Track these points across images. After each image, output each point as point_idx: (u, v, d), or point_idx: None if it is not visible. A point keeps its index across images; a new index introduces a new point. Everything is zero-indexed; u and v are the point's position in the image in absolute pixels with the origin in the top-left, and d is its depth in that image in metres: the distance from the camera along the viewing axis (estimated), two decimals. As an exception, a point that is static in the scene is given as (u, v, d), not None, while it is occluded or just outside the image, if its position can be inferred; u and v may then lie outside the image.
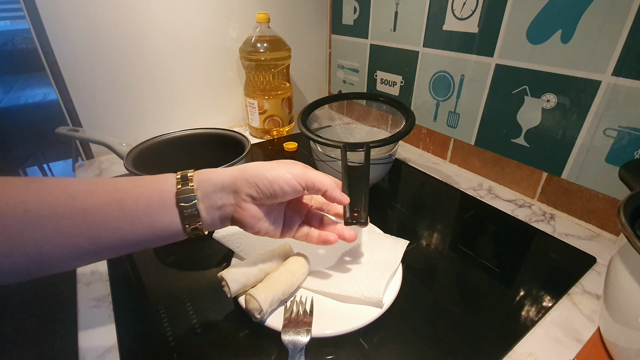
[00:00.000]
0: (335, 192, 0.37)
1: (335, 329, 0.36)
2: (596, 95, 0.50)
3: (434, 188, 0.68)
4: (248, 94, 0.85)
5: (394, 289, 0.40)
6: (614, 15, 0.46)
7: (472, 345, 0.36)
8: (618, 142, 0.50)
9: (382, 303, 0.38)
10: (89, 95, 0.72)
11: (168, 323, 0.38)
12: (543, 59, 0.55)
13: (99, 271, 0.46)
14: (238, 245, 0.45)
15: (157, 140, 0.59)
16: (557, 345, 0.37)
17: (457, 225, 0.57)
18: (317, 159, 0.61)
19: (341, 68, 1.00)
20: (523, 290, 0.43)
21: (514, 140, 0.62)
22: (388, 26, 0.79)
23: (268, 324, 0.36)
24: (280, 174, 0.34)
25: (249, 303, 0.36)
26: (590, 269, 0.47)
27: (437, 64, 0.72)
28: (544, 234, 0.54)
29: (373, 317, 0.37)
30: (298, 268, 0.41)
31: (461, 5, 0.63)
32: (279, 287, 0.37)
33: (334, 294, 0.40)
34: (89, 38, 0.68)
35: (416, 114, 0.80)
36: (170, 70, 0.80)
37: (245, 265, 0.39)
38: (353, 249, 0.46)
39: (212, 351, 0.35)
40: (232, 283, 0.37)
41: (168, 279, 0.44)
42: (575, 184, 0.56)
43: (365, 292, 0.38)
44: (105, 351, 0.35)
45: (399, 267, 0.42)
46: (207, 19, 0.80)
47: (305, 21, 0.95)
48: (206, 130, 0.64)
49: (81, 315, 0.39)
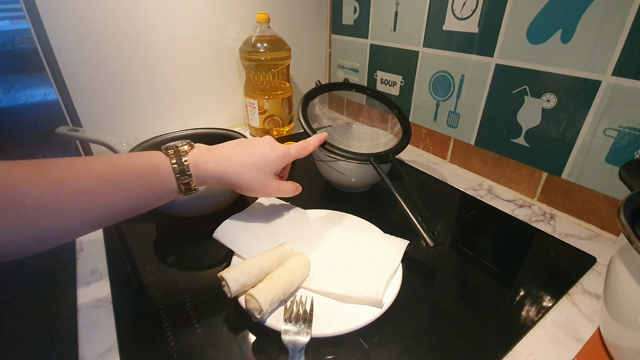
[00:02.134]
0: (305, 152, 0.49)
1: (335, 329, 0.36)
2: (596, 95, 0.50)
3: (434, 188, 0.68)
4: (248, 94, 0.85)
5: (394, 289, 0.40)
6: (614, 15, 0.46)
7: (472, 345, 0.36)
8: (618, 142, 0.50)
9: (382, 303, 0.38)
10: (89, 95, 0.72)
11: (168, 323, 0.38)
12: (543, 59, 0.54)
13: (99, 271, 0.46)
14: (238, 245, 0.45)
15: (157, 140, 0.59)
16: (557, 345, 0.37)
17: (457, 225, 0.57)
18: (317, 159, 0.61)
19: (341, 68, 1.00)
20: (523, 290, 0.43)
21: (514, 140, 0.62)
22: (388, 26, 0.79)
23: (268, 323, 0.36)
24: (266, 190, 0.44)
25: (249, 303, 0.36)
26: (590, 269, 0.47)
27: (437, 64, 0.72)
28: (544, 234, 0.54)
29: (373, 317, 0.37)
30: (298, 268, 0.40)
31: (461, 5, 0.63)
32: (279, 287, 0.37)
33: (334, 294, 0.40)
34: (89, 38, 0.68)
35: (416, 114, 0.81)
36: (170, 70, 0.80)
37: (245, 265, 0.39)
38: (353, 249, 0.46)
39: (212, 351, 0.35)
40: (232, 283, 0.37)
41: (168, 279, 0.44)
42: (575, 184, 0.56)
43: (365, 292, 0.38)
44: (105, 351, 0.35)
45: (399, 267, 0.42)
46: (207, 19, 0.80)
47: (305, 21, 0.95)
48: (206, 130, 0.64)
49: (81, 315, 0.39)
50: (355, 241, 0.47)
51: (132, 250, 0.50)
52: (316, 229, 0.50)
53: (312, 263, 0.43)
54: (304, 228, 0.50)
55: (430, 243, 0.43)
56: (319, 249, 0.46)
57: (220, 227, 0.46)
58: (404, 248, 0.45)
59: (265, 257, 0.41)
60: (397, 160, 0.56)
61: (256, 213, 0.51)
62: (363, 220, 0.52)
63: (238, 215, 0.49)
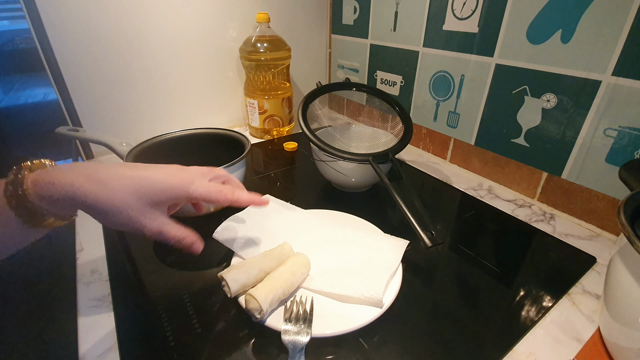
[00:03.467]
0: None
1: (335, 329, 0.36)
2: (596, 95, 0.50)
3: (434, 188, 0.68)
4: (248, 94, 0.85)
5: (394, 289, 0.40)
6: (614, 15, 0.46)
7: (472, 345, 0.36)
8: (618, 142, 0.50)
9: (382, 303, 0.38)
10: (89, 95, 0.72)
11: (168, 323, 0.38)
12: (543, 59, 0.54)
13: (99, 271, 0.46)
14: (238, 245, 0.45)
15: (157, 140, 0.59)
16: (557, 345, 0.37)
17: (457, 225, 0.57)
18: (316, 159, 0.61)
19: (341, 68, 1.00)
20: (523, 290, 0.43)
21: (514, 140, 0.62)
22: (388, 26, 0.79)
23: (268, 323, 0.36)
24: (138, 224, 0.32)
25: (249, 303, 0.36)
26: (590, 269, 0.47)
27: (437, 63, 0.72)
28: (544, 234, 0.54)
29: (373, 317, 0.37)
30: (298, 268, 0.41)
31: (461, 5, 0.63)
32: (279, 287, 0.37)
33: (334, 294, 0.40)
34: (89, 38, 0.68)
35: (416, 114, 0.81)
36: (171, 70, 0.80)
37: (245, 265, 0.39)
38: (353, 248, 0.46)
39: (212, 351, 0.35)
40: (232, 283, 0.37)
41: (168, 279, 0.44)
42: (575, 184, 0.56)
43: (366, 291, 0.38)
44: (105, 351, 0.35)
45: (399, 267, 0.42)
46: (207, 19, 0.80)
47: (305, 21, 0.95)
48: (206, 130, 0.64)
49: (81, 315, 0.39)
50: (355, 241, 0.47)
51: (132, 250, 0.50)
52: (316, 229, 0.50)
53: (312, 263, 0.43)
54: (304, 228, 0.50)
55: (428, 243, 0.43)
56: (319, 249, 0.46)
57: (220, 227, 0.46)
58: (404, 248, 0.45)
59: (265, 257, 0.41)
60: (397, 160, 0.56)
61: (256, 213, 0.50)
62: (363, 220, 0.52)
63: (238, 215, 0.49)
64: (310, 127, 0.58)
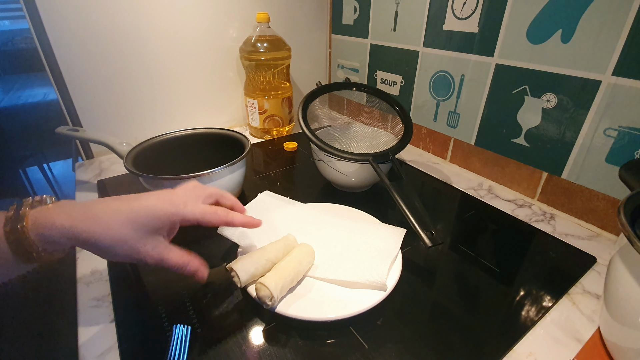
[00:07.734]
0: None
1: (343, 313, 0.37)
2: (596, 95, 0.50)
3: (434, 188, 0.68)
4: (248, 94, 0.85)
5: (396, 274, 0.41)
6: (614, 15, 0.46)
7: (472, 345, 0.36)
8: (618, 142, 0.50)
9: (386, 286, 0.39)
10: (89, 95, 0.72)
11: (168, 323, 0.38)
12: (543, 59, 0.54)
13: (99, 271, 0.46)
14: (242, 238, 0.46)
15: (157, 140, 0.59)
16: (557, 345, 0.37)
17: (457, 225, 0.57)
18: (316, 159, 0.61)
19: (341, 68, 1.00)
20: (523, 290, 0.43)
21: (514, 140, 0.62)
22: (388, 26, 0.79)
23: (278, 310, 0.37)
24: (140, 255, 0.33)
25: (260, 291, 0.37)
26: (590, 269, 0.47)
27: (437, 63, 0.72)
28: (544, 233, 0.54)
29: (378, 299, 0.38)
30: (304, 257, 0.42)
31: (461, 5, 0.63)
32: (287, 275, 0.39)
33: (339, 280, 0.41)
34: (89, 38, 0.68)
35: (416, 114, 0.81)
36: (170, 70, 0.80)
37: (253, 256, 0.41)
38: (354, 237, 0.48)
39: (212, 351, 0.35)
40: (242, 273, 0.38)
41: (168, 279, 0.44)
42: (576, 184, 0.56)
43: (370, 276, 0.39)
44: (105, 351, 0.35)
45: (398, 254, 0.44)
46: (207, 18, 0.80)
47: (305, 21, 0.95)
48: (206, 130, 0.64)
49: (81, 315, 0.39)
50: (355, 230, 0.49)
51: (132, 250, 0.50)
52: (317, 220, 0.52)
53: (316, 252, 0.44)
54: (305, 220, 0.51)
55: (428, 243, 0.44)
56: (321, 239, 0.47)
57: None
58: (402, 235, 0.46)
59: (271, 248, 0.42)
60: (397, 160, 0.56)
61: (258, 207, 0.52)
62: (360, 211, 0.53)
63: None
64: (310, 127, 0.58)
